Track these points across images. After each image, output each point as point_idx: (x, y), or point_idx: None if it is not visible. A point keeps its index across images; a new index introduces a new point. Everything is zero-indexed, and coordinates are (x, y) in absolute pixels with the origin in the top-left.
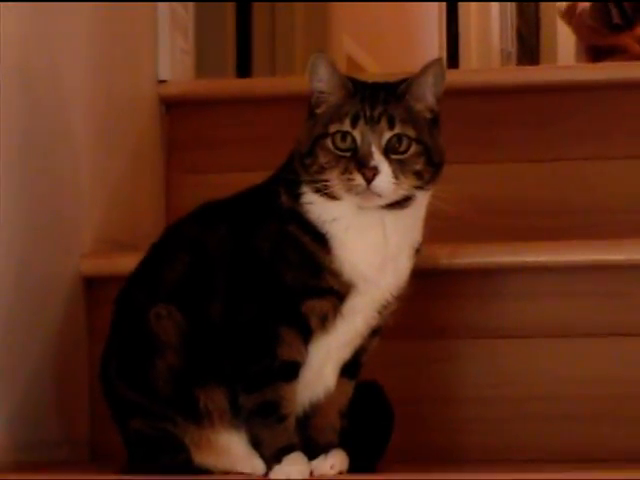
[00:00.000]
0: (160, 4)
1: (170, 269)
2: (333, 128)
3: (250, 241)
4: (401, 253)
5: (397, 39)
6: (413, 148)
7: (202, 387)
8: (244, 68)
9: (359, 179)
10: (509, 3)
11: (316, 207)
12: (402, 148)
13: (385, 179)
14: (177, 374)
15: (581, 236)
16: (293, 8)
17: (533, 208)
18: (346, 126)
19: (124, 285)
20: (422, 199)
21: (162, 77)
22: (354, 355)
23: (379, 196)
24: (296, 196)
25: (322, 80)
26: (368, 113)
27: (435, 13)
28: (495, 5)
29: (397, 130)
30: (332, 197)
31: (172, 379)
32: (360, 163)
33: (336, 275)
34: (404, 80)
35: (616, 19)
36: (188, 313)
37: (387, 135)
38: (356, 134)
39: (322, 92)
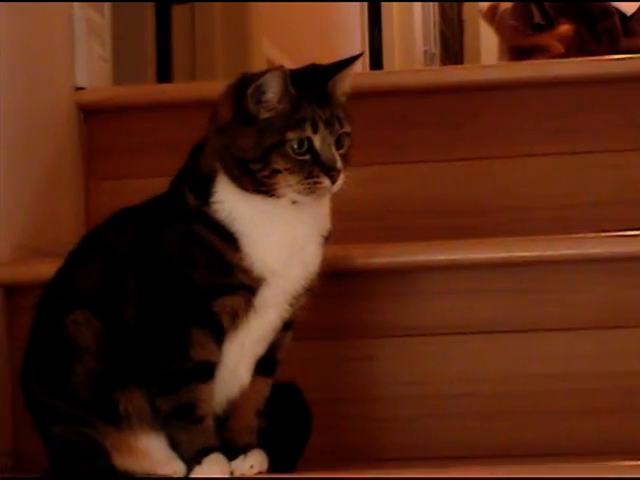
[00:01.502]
0: (76, 12)
1: (85, 275)
2: (292, 135)
3: (157, 243)
4: (310, 243)
5: (319, 41)
6: (348, 142)
7: (121, 391)
8: (165, 74)
9: (327, 182)
10: (432, 4)
11: (226, 206)
12: (344, 144)
13: (342, 177)
14: (96, 378)
15: (496, 234)
16: (212, 12)
17: (449, 208)
18: (307, 132)
19: (42, 292)
20: None
21: (79, 84)
22: (268, 351)
23: (332, 192)
24: (204, 196)
25: (274, 93)
26: (323, 116)
27: (357, 15)
28: (417, 6)
29: (345, 129)
30: (274, 197)
31: (91, 383)
32: (326, 167)
33: (246, 271)
34: (323, 72)
35: (537, 19)
36: (103, 318)
37: (338, 135)
38: (316, 138)
39: (267, 101)
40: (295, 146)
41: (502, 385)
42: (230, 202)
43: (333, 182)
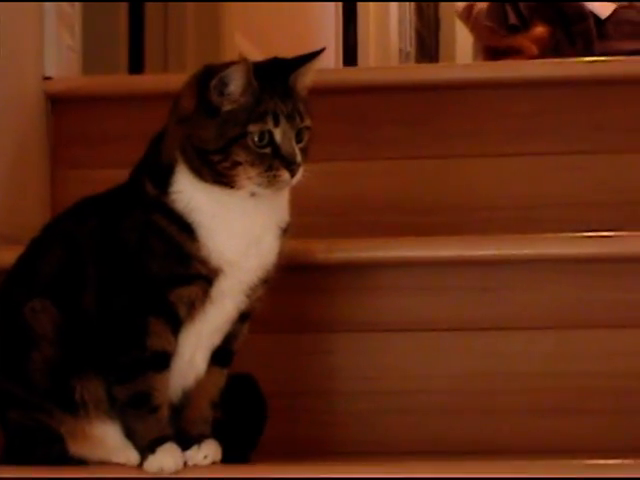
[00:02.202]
0: (46, 1)
1: (45, 263)
2: (254, 128)
3: (116, 232)
4: (267, 234)
5: (292, 37)
6: (308, 136)
7: (79, 378)
8: (136, 66)
9: (286, 175)
10: (408, 3)
11: (184, 196)
12: (304, 137)
13: (301, 171)
14: (53, 366)
15: (459, 232)
16: (185, 5)
17: (413, 205)
18: (269, 125)
19: (3, 279)
20: None
21: (48, 74)
22: (224, 342)
23: (291, 185)
24: (163, 186)
25: (237, 86)
26: (285, 110)
27: (332, 11)
28: (394, 5)
29: (306, 123)
30: (233, 189)
31: (48, 370)
32: (286, 161)
33: (203, 262)
34: (286, 66)
35: (512, 20)
36: (62, 306)
37: (298, 128)
38: (277, 132)
39: (230, 93)
40: (256, 139)
41: (458, 382)
42: (189, 192)
43: (292, 175)
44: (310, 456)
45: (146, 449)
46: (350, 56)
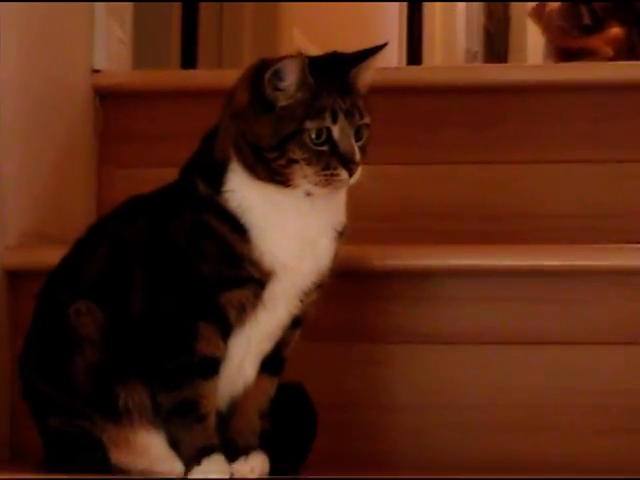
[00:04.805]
0: None
1: (90, 264)
2: (311, 124)
3: (166, 232)
4: (322, 236)
5: (352, 34)
6: (367, 134)
7: (123, 384)
8: (189, 60)
9: (344, 174)
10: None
11: (238, 195)
12: (363, 135)
13: (359, 170)
14: (97, 371)
15: (520, 241)
16: None
17: (472, 212)
18: (327, 122)
19: (46, 280)
20: None
21: (97, 67)
22: (275, 349)
23: (348, 185)
24: (215, 184)
25: (292, 80)
26: (343, 107)
27: (396, 8)
28: (461, 3)
29: (365, 120)
30: (289, 188)
31: (91, 376)
32: (344, 159)
33: (255, 264)
34: (345, 61)
35: (586, 20)
36: (107, 309)
37: (357, 126)
38: (335, 129)
39: (286, 88)
40: (313, 136)
41: (519, 398)
42: (242, 191)
43: (350, 175)
44: (359, 471)
45: (191, 460)
46: (414, 54)
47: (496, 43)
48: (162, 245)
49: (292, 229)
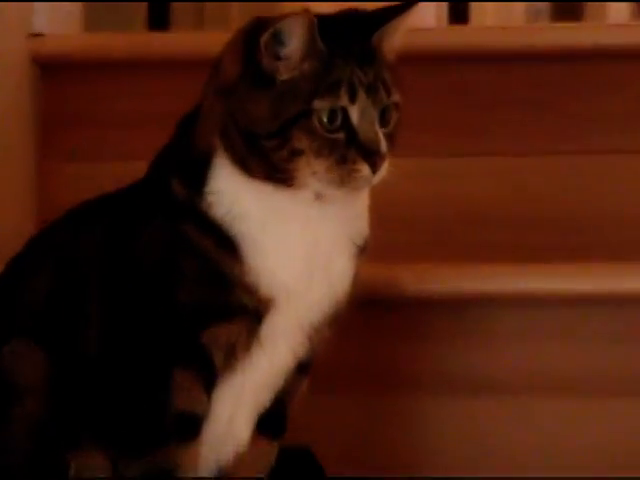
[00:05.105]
0: None
1: (30, 291)
2: (321, 104)
3: (131, 247)
4: (338, 253)
5: None
6: (396, 116)
7: (74, 449)
8: (159, 20)
9: (365, 170)
10: None
11: (225, 198)
12: (391, 119)
13: (386, 165)
14: (39, 431)
15: (603, 258)
16: None
17: (534, 218)
18: (343, 101)
19: None
20: None
21: (37, 30)
22: (276, 402)
23: (371, 184)
24: (195, 184)
25: (297, 45)
26: (365, 81)
27: None
28: None
29: (393, 98)
30: (292, 188)
31: (32, 438)
32: (366, 150)
33: (249, 290)
34: (366, 21)
35: None
36: (53, 349)
37: (383, 106)
38: (354, 110)
39: (288, 57)
40: (325, 119)
41: (593, 462)
42: (231, 193)
43: (374, 170)
44: None
45: None
46: (458, 12)
47: None
48: (125, 264)
49: (298, 243)
